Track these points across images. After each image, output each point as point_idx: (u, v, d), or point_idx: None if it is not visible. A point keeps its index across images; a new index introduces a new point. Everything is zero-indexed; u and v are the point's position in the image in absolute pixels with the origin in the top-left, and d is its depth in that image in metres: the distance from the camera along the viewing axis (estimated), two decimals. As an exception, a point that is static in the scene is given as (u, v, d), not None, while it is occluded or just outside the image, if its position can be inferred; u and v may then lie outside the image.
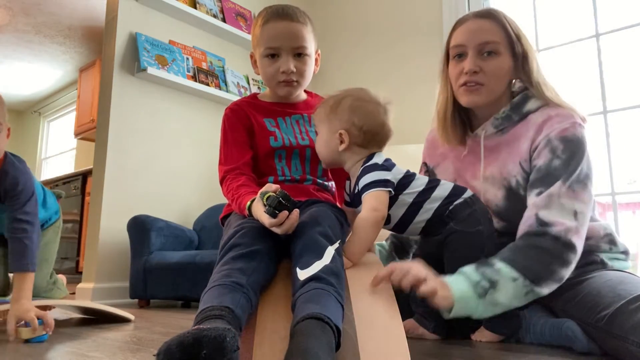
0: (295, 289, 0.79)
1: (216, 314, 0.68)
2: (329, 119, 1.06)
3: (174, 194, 2.64)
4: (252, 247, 0.86)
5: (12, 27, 4.31)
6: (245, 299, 0.75)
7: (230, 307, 0.70)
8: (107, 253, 2.35)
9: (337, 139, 1.05)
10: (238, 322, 0.70)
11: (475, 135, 1.22)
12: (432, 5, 2.79)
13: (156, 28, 2.65)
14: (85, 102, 4.78)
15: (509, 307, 0.98)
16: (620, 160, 2.16)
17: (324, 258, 0.84)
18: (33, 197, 1.38)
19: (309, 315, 0.68)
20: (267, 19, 1.11)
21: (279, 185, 0.91)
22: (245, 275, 0.80)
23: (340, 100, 1.06)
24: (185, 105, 2.74)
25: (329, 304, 0.73)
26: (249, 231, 0.90)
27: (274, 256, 0.90)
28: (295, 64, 1.11)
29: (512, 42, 1.14)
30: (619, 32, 2.24)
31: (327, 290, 0.76)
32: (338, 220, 0.99)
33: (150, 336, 1.24)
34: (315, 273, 0.79)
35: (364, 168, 1.02)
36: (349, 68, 3.17)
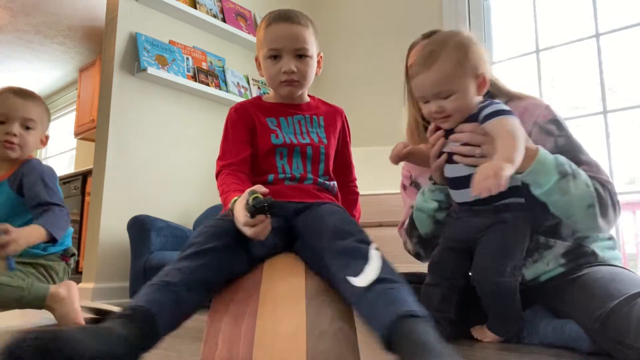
0: (356, 296, 0.76)
1: (121, 313, 0.71)
2: (464, 69, 1.04)
3: (174, 194, 2.64)
4: (204, 246, 0.86)
5: (12, 27, 4.31)
6: (172, 297, 0.77)
7: (142, 306, 0.72)
8: (107, 253, 2.35)
9: (475, 85, 1.05)
10: (150, 321, 0.71)
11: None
12: (432, 6, 2.79)
13: (156, 28, 2.65)
14: (85, 102, 4.78)
15: (569, 205, 1.03)
16: (620, 160, 2.16)
17: (372, 260, 0.83)
18: (53, 186, 1.39)
19: (403, 313, 0.67)
20: (270, 22, 1.14)
21: (269, 192, 0.89)
22: (183, 274, 0.81)
23: (462, 44, 1.05)
24: (185, 105, 2.74)
25: (410, 299, 0.73)
26: (208, 230, 0.91)
27: (233, 252, 0.89)
28: (296, 64, 1.13)
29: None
30: (619, 32, 2.24)
31: (397, 288, 0.76)
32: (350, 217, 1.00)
33: (150, 336, 1.24)
34: (377, 276, 0.78)
35: (487, 103, 1.04)
36: (349, 69, 3.17)
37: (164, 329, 0.75)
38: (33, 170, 1.39)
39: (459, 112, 1.06)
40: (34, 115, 1.42)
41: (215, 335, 0.74)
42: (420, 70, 1.07)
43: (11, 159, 1.42)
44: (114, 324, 0.68)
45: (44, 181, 1.38)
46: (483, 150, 1.02)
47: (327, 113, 1.25)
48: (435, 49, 1.06)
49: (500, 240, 1.03)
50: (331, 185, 1.18)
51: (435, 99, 1.06)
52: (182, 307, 0.79)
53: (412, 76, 1.18)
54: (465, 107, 1.06)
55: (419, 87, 1.08)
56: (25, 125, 1.41)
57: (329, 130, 1.23)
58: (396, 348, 0.65)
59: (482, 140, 1.02)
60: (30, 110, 1.41)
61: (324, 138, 1.21)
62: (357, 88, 3.10)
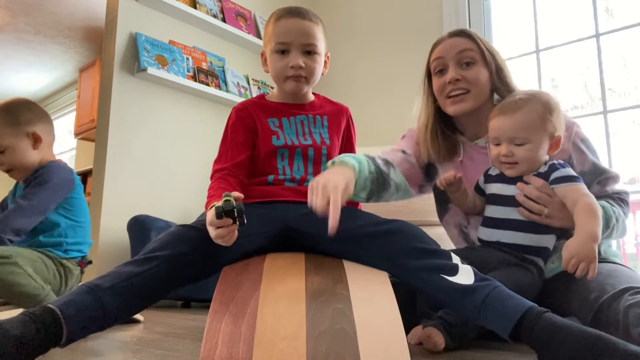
0: (454, 297, 0.84)
1: (29, 311, 0.72)
2: (545, 125, 1.08)
3: (174, 194, 2.63)
4: (153, 253, 0.87)
5: (12, 27, 4.31)
6: (94, 300, 0.78)
7: (56, 306, 0.74)
8: (107, 253, 2.35)
9: (548, 144, 1.10)
10: (55, 320, 0.72)
11: (475, 144, 1.28)
12: (432, 6, 2.79)
13: (156, 28, 2.65)
14: (85, 102, 4.78)
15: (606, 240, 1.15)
16: (620, 160, 2.16)
17: (455, 259, 0.89)
18: (54, 186, 1.42)
19: (537, 312, 0.77)
20: (280, 16, 1.14)
21: (242, 197, 0.90)
22: (117, 279, 0.82)
23: (550, 104, 1.10)
24: (185, 105, 2.74)
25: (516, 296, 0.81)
26: (165, 236, 0.92)
27: (184, 262, 0.89)
28: (304, 60, 1.12)
29: (484, 55, 1.23)
30: (619, 32, 2.24)
31: (500, 285, 0.84)
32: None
33: (151, 336, 1.24)
34: (478, 276, 0.85)
35: (558, 164, 1.10)
36: (348, 69, 3.17)
37: (72, 332, 0.75)
38: (43, 174, 1.43)
39: (526, 163, 1.10)
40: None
41: (215, 335, 0.74)
42: (503, 113, 1.11)
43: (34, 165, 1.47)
44: (10, 321, 0.69)
45: (40, 183, 1.41)
46: (548, 211, 1.06)
47: (331, 112, 1.24)
48: (524, 98, 1.11)
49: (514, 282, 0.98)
50: None
51: (508, 142, 1.10)
52: (105, 314, 0.79)
53: (441, 40, 1.26)
54: (534, 160, 1.10)
55: (498, 128, 1.12)
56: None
57: (333, 130, 1.22)
58: (533, 337, 0.75)
59: (549, 201, 1.06)
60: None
61: (326, 139, 1.20)
62: (357, 88, 3.10)
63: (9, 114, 1.45)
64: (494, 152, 1.13)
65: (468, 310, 0.84)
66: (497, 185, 1.15)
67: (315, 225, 1.02)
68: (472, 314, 0.83)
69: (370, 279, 0.92)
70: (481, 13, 2.63)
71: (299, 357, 0.69)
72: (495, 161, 1.15)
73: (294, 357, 0.70)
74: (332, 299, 0.83)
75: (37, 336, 0.70)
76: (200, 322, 1.63)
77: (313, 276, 0.90)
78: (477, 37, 1.25)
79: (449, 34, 1.29)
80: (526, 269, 1.05)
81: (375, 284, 0.90)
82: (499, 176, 1.15)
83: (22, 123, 1.46)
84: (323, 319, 0.77)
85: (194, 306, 2.34)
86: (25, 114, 1.47)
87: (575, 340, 0.70)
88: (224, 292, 0.85)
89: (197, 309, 2.22)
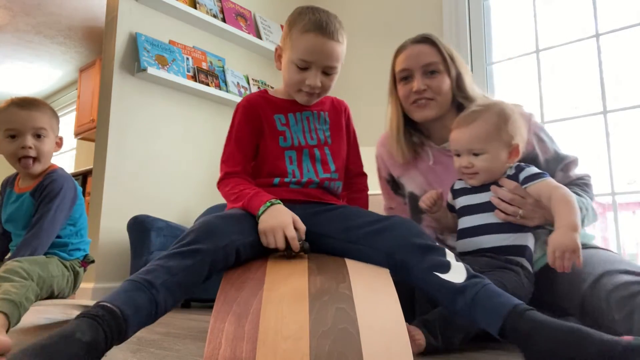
0: (446, 295, 0.86)
1: (93, 312, 0.71)
2: (500, 135, 1.11)
3: (174, 194, 2.63)
4: (194, 245, 0.87)
5: (12, 27, 4.30)
6: (149, 299, 0.77)
7: (117, 306, 0.73)
8: (107, 253, 2.35)
9: (507, 152, 1.13)
10: (118, 322, 0.72)
11: (443, 147, 1.34)
12: (432, 6, 2.79)
13: (156, 28, 2.65)
14: (85, 102, 4.78)
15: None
16: (620, 160, 2.16)
17: (448, 256, 0.90)
18: (64, 199, 1.42)
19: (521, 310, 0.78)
20: (308, 29, 1.09)
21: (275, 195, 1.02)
22: (169, 274, 0.81)
23: (504, 113, 1.12)
24: (185, 105, 2.74)
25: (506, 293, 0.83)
26: (202, 227, 0.91)
27: (222, 256, 0.90)
28: (322, 79, 1.12)
29: (446, 62, 1.29)
30: (619, 32, 2.24)
31: (490, 282, 0.85)
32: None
33: (151, 336, 1.24)
34: (469, 273, 0.87)
35: (524, 165, 1.13)
36: (347, 68, 3.17)
37: (131, 332, 0.75)
38: (50, 184, 1.41)
39: (487, 172, 1.14)
40: (43, 124, 1.42)
41: (218, 334, 0.74)
42: (460, 125, 1.15)
43: (35, 173, 1.44)
44: (78, 327, 0.68)
45: (51, 199, 1.40)
46: (523, 212, 1.08)
47: (331, 109, 1.25)
48: (478, 110, 1.14)
49: (501, 285, 0.97)
50: (335, 187, 1.18)
51: (467, 154, 1.14)
52: (157, 311, 0.79)
53: (405, 47, 1.34)
54: (493, 169, 1.14)
55: (455, 140, 1.16)
56: (37, 134, 1.41)
57: (334, 127, 1.23)
58: (518, 334, 0.76)
59: (522, 202, 1.09)
60: (38, 119, 1.41)
61: (328, 137, 1.20)
62: (357, 88, 3.10)
63: (54, 111, 1.50)
64: (457, 164, 1.17)
65: (459, 309, 0.85)
66: (466, 197, 1.18)
67: (320, 225, 1.04)
68: (463, 312, 0.85)
69: (373, 279, 0.92)
70: (481, 13, 2.63)
71: (302, 357, 0.69)
72: (458, 172, 1.18)
73: (297, 356, 0.70)
74: (335, 298, 0.83)
75: (105, 340, 0.70)
76: (200, 322, 1.63)
77: (316, 276, 0.90)
78: (440, 43, 1.30)
79: (413, 40, 1.34)
80: (512, 270, 1.06)
81: (378, 284, 0.90)
82: (466, 188, 1.19)
83: (58, 124, 1.50)
84: (326, 318, 0.77)
85: (194, 306, 2.34)
86: (58, 118, 1.52)
87: (553, 335, 0.72)
88: (227, 292, 0.85)
89: (197, 309, 2.22)
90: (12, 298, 1.08)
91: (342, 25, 1.14)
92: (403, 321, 0.80)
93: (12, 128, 1.38)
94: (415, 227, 0.98)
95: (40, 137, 1.42)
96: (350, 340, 0.73)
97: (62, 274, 1.39)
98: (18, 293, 1.11)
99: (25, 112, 1.39)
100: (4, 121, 1.39)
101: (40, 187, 1.41)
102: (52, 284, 1.32)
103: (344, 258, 1.01)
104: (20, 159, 1.40)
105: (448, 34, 2.66)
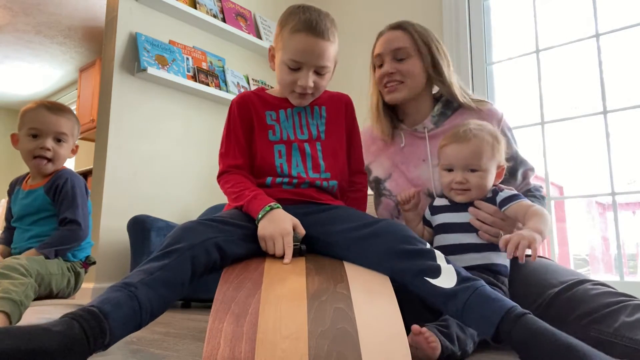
0: (437, 300, 0.86)
1: (68, 314, 0.71)
2: (494, 154, 1.15)
3: (174, 194, 2.64)
4: (172, 247, 0.87)
5: (12, 27, 4.31)
6: (128, 295, 0.77)
7: (93, 305, 0.73)
8: (107, 253, 2.35)
9: (495, 172, 1.16)
10: (97, 318, 0.71)
11: (414, 130, 1.39)
12: (432, 6, 2.79)
13: (156, 28, 2.65)
14: (85, 102, 4.78)
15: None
16: (620, 160, 2.16)
17: (439, 259, 0.90)
18: (82, 203, 1.47)
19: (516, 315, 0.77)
20: (299, 29, 1.08)
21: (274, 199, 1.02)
22: (145, 274, 0.82)
23: (496, 134, 1.17)
24: (185, 105, 2.74)
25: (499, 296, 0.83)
26: (176, 231, 0.92)
27: (203, 252, 0.90)
28: (314, 79, 1.12)
29: (418, 48, 1.33)
30: (619, 32, 2.24)
31: (482, 285, 0.85)
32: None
33: (151, 336, 1.24)
34: (460, 276, 0.86)
35: (498, 189, 1.16)
36: (347, 67, 3.17)
37: (117, 330, 0.74)
38: (67, 183, 1.45)
39: (478, 190, 1.15)
40: (66, 129, 1.48)
41: (217, 334, 0.74)
42: (457, 141, 1.16)
43: (46, 173, 1.49)
44: (53, 323, 0.68)
45: (73, 196, 1.45)
46: (504, 234, 1.09)
47: (329, 103, 1.24)
48: (476, 128, 1.16)
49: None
50: (329, 186, 1.16)
51: (462, 170, 1.15)
52: (140, 306, 0.78)
53: (382, 33, 1.39)
54: (484, 187, 1.15)
55: (452, 156, 1.16)
56: (58, 138, 1.47)
57: (330, 122, 1.21)
58: (512, 339, 0.75)
59: (503, 225, 1.12)
60: (63, 124, 1.47)
61: (322, 132, 1.19)
62: (356, 88, 3.10)
63: (78, 120, 1.56)
64: (447, 179, 1.17)
65: (451, 314, 0.85)
66: (446, 215, 1.18)
67: (311, 227, 1.03)
68: (456, 317, 0.85)
69: (370, 279, 0.92)
70: (481, 13, 2.63)
71: (301, 357, 0.69)
72: (446, 187, 1.19)
73: (296, 356, 0.70)
74: (333, 298, 0.83)
75: (84, 334, 0.69)
76: (200, 322, 1.63)
77: (314, 276, 0.90)
78: (414, 30, 1.35)
79: (388, 27, 1.41)
80: (499, 287, 1.07)
81: (376, 284, 0.90)
82: (447, 206, 1.19)
83: (78, 132, 1.57)
84: (324, 318, 0.77)
85: (194, 306, 2.34)
86: (80, 127, 1.59)
87: (550, 348, 0.72)
88: (225, 292, 0.85)
89: (197, 309, 2.22)
90: (13, 297, 1.09)
91: (334, 23, 1.14)
92: (401, 321, 0.79)
93: (35, 128, 1.43)
94: (403, 231, 0.97)
95: (60, 141, 1.47)
96: (349, 340, 0.73)
97: (62, 273, 1.40)
98: (18, 291, 1.12)
99: (52, 115, 1.45)
100: (30, 120, 1.44)
101: (55, 185, 1.45)
102: (50, 281, 1.33)
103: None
104: (35, 157, 1.44)
105: (448, 34, 2.66)
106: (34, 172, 1.50)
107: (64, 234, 1.42)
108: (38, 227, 1.45)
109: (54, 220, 1.45)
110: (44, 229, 1.45)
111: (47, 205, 1.45)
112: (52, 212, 1.46)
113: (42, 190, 1.46)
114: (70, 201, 1.44)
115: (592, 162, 2.25)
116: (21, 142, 1.46)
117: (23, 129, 1.45)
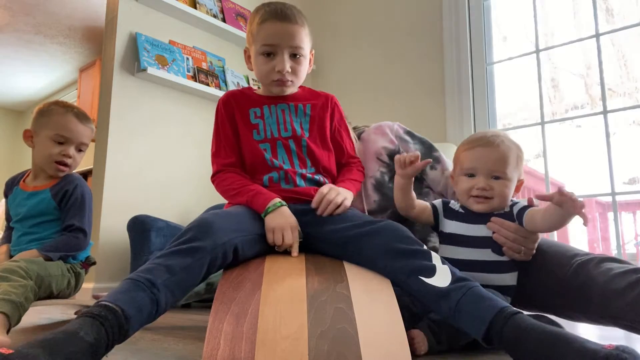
0: (431, 299, 0.86)
1: (96, 312, 0.71)
2: (518, 165, 1.09)
3: (174, 194, 2.63)
4: (194, 243, 0.86)
5: (12, 27, 4.30)
6: (151, 299, 0.77)
7: (120, 307, 0.73)
8: (107, 253, 2.35)
9: (515, 186, 1.10)
10: (120, 323, 0.72)
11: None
12: (432, 6, 2.79)
13: (156, 28, 2.65)
14: (85, 102, 4.78)
15: None
16: (620, 160, 2.16)
17: (434, 259, 0.90)
18: (88, 211, 1.48)
19: (507, 314, 0.77)
20: (265, 18, 1.11)
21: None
22: (169, 273, 0.81)
23: (520, 148, 1.11)
24: (185, 105, 2.74)
25: (492, 296, 0.83)
26: (200, 224, 0.91)
27: (221, 254, 0.90)
28: (291, 64, 1.12)
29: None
30: (619, 32, 2.24)
31: (476, 285, 0.85)
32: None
33: (151, 336, 1.24)
34: (455, 276, 0.86)
35: (518, 201, 1.11)
36: (346, 67, 3.17)
37: (132, 332, 0.75)
38: (76, 189, 1.46)
39: (500, 199, 1.07)
40: (88, 140, 1.50)
41: (217, 334, 0.74)
42: (484, 145, 1.08)
43: (59, 176, 1.49)
44: (81, 327, 0.68)
45: (82, 203, 1.46)
46: (525, 250, 1.06)
47: (314, 101, 1.23)
48: (501, 135, 1.10)
49: None
50: (322, 181, 1.17)
51: (486, 176, 1.07)
52: (157, 310, 0.79)
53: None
54: (507, 197, 1.08)
55: (477, 159, 1.08)
56: (80, 149, 1.49)
57: (314, 120, 1.21)
58: (503, 339, 0.75)
59: (525, 242, 1.06)
60: (87, 135, 1.49)
61: (306, 130, 1.19)
62: (356, 87, 3.10)
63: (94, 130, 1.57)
64: (467, 185, 1.08)
65: (444, 313, 0.85)
66: (460, 225, 1.09)
67: (309, 226, 1.04)
68: (448, 317, 0.84)
69: (370, 279, 0.92)
70: (481, 13, 2.63)
71: (301, 357, 0.69)
72: (464, 194, 1.09)
73: (296, 356, 0.70)
74: (333, 298, 0.83)
75: (107, 340, 0.70)
76: (200, 322, 1.63)
77: (313, 276, 0.90)
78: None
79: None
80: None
81: (376, 284, 0.90)
82: (463, 215, 1.10)
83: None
84: (324, 318, 0.77)
85: (194, 306, 2.34)
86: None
87: (538, 341, 0.72)
88: (225, 293, 0.85)
89: (197, 309, 2.22)
90: (12, 298, 1.09)
91: (302, 12, 1.15)
92: (401, 320, 0.80)
93: (64, 135, 1.44)
94: (401, 231, 0.96)
95: (81, 151, 1.50)
96: (349, 340, 0.73)
97: (62, 275, 1.40)
98: (18, 293, 1.11)
99: (80, 125, 1.47)
100: (59, 126, 1.44)
101: (64, 190, 1.45)
102: (50, 283, 1.33)
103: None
104: (56, 162, 1.44)
105: (448, 34, 2.66)
106: (41, 173, 1.48)
107: (71, 240, 1.42)
108: (39, 230, 1.44)
109: (55, 224, 1.45)
110: (45, 232, 1.44)
111: (52, 209, 1.44)
112: (55, 216, 1.45)
113: (49, 194, 1.44)
114: (78, 208, 1.44)
115: (592, 162, 2.25)
116: (43, 144, 1.44)
117: (46, 131, 1.43)
